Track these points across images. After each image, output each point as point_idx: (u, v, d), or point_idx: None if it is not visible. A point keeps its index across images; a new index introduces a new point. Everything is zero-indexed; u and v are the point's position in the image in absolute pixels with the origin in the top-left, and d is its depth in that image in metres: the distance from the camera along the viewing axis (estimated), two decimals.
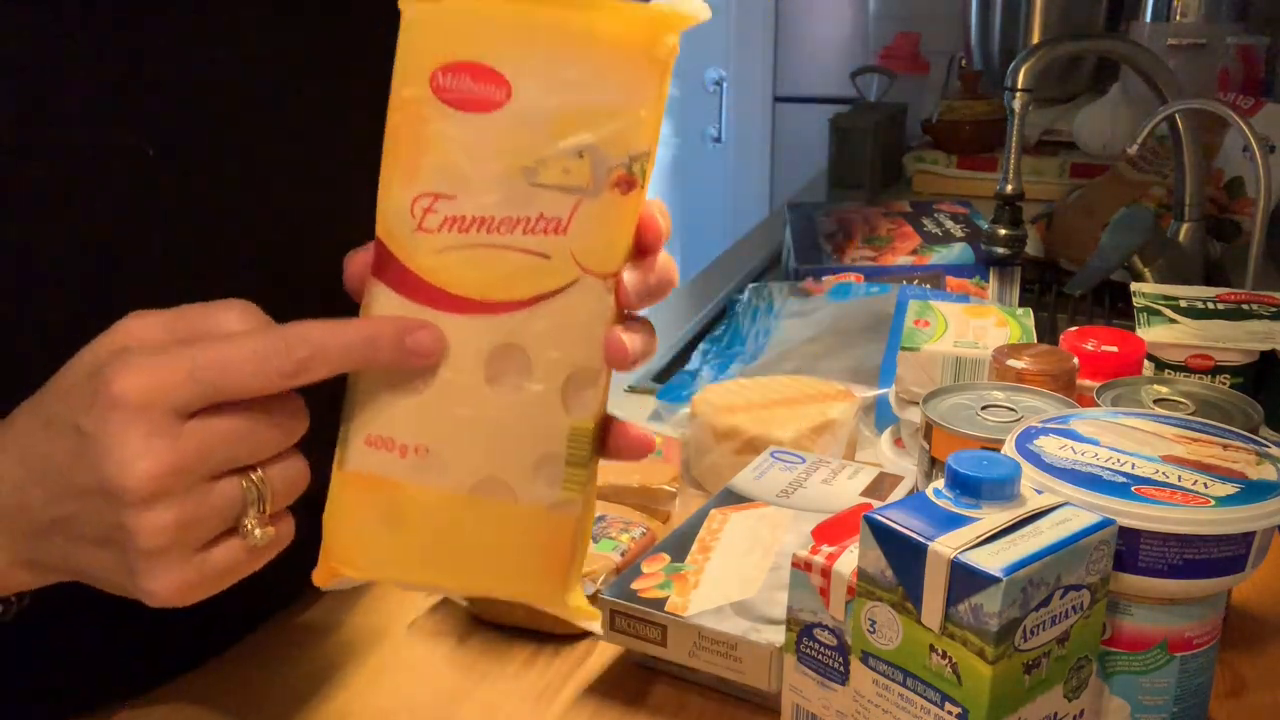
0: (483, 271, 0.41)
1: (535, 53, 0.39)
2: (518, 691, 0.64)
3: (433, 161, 0.40)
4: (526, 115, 0.39)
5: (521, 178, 0.40)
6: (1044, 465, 0.55)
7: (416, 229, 0.41)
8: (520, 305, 0.40)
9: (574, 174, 0.40)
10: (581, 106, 0.39)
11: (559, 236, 0.40)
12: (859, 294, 1.23)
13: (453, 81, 0.39)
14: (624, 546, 0.69)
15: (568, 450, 0.42)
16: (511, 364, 0.41)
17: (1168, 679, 0.54)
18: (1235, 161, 1.62)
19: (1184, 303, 0.90)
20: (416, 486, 0.43)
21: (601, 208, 0.40)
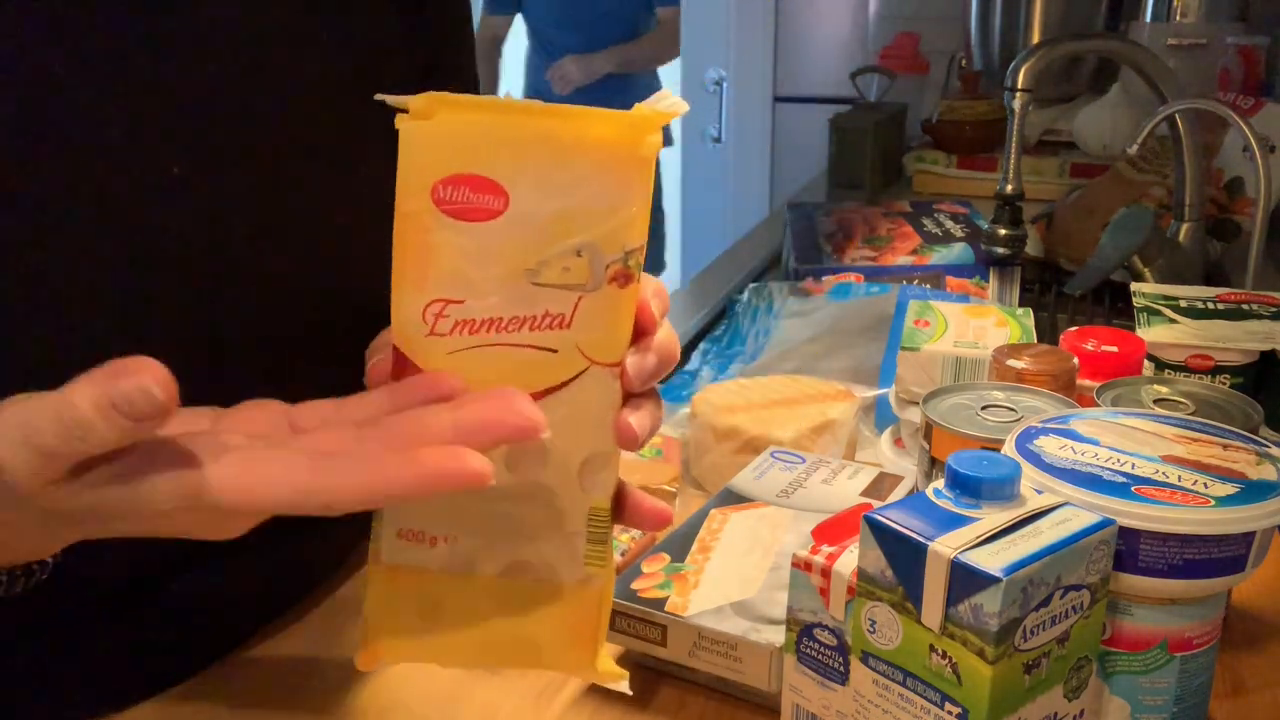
0: (495, 369, 0.43)
1: (529, 162, 0.42)
2: (518, 691, 0.64)
3: (439, 269, 0.42)
4: (525, 220, 0.42)
5: (524, 279, 0.42)
6: (1044, 465, 0.55)
7: (429, 334, 0.43)
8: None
9: (574, 272, 0.42)
10: (576, 208, 0.42)
11: (564, 331, 0.42)
12: (859, 294, 1.23)
13: (452, 193, 0.42)
14: (624, 546, 0.69)
15: (588, 529, 0.45)
16: (529, 454, 0.44)
17: (1168, 679, 0.54)
18: (1235, 161, 1.62)
19: (1184, 303, 0.90)
20: (449, 575, 0.45)
21: (602, 301, 0.42)
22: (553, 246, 0.42)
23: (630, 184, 0.42)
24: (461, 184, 0.41)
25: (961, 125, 1.99)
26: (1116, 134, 1.87)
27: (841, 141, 1.92)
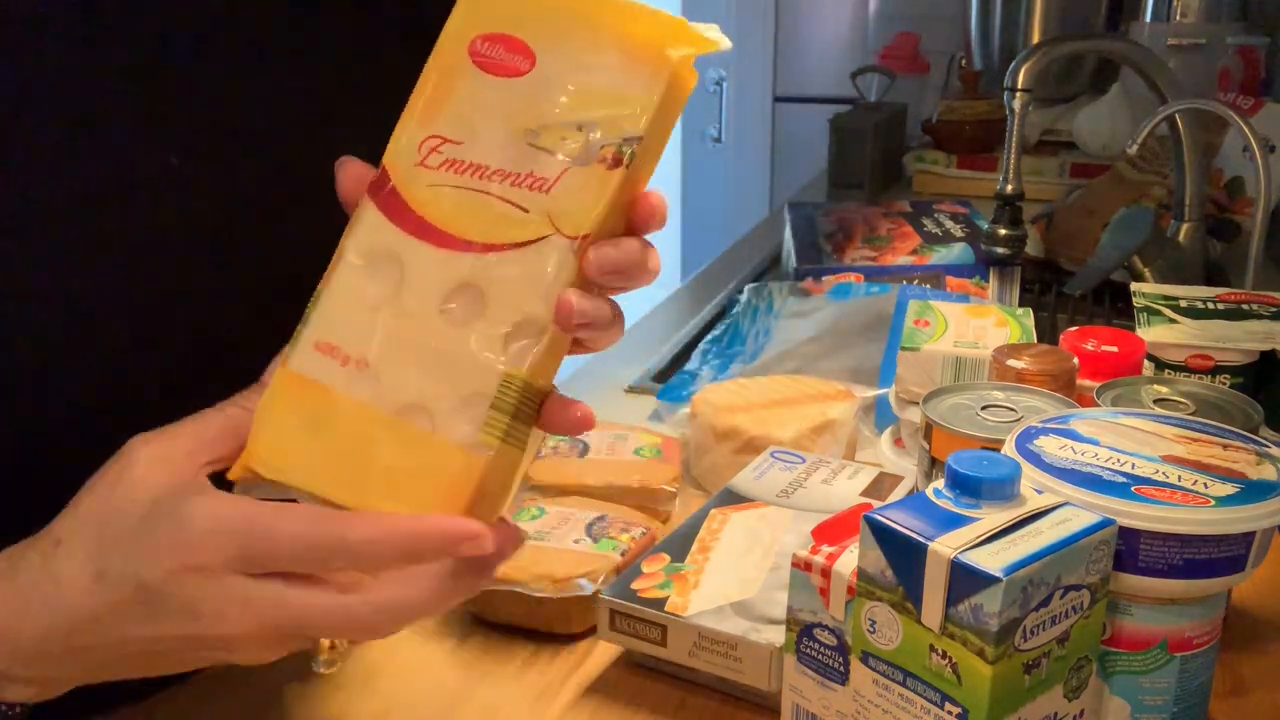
0: (465, 212, 0.44)
1: (565, 37, 0.45)
2: (518, 691, 0.64)
3: (451, 111, 0.45)
4: (542, 86, 0.45)
5: (523, 138, 0.44)
6: (1044, 465, 0.55)
7: (419, 164, 0.45)
8: (490, 248, 0.44)
9: (569, 142, 0.44)
10: (591, 88, 0.44)
11: (541, 195, 0.44)
12: (859, 294, 1.23)
13: (489, 49, 0.45)
14: (624, 546, 0.69)
15: (496, 394, 0.44)
16: (466, 301, 0.44)
17: (1168, 679, 0.54)
18: (1235, 161, 1.62)
19: (1184, 303, 0.90)
20: (346, 397, 0.45)
21: (585, 177, 0.44)
22: (558, 115, 0.44)
23: (647, 80, 0.44)
24: (499, 42, 0.45)
25: (961, 125, 1.99)
26: (1116, 134, 1.87)
27: (841, 141, 1.92)
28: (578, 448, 0.85)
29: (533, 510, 0.74)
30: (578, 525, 0.71)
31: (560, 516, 0.73)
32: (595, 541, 0.69)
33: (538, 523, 0.72)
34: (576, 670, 0.65)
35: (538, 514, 0.73)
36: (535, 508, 0.74)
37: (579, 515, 0.73)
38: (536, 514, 0.73)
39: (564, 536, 0.70)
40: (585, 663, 0.66)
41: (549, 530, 0.71)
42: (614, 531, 0.71)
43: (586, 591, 0.66)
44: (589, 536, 0.70)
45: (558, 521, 0.72)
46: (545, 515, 0.73)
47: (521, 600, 0.66)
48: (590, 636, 0.67)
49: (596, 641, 0.66)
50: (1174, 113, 1.27)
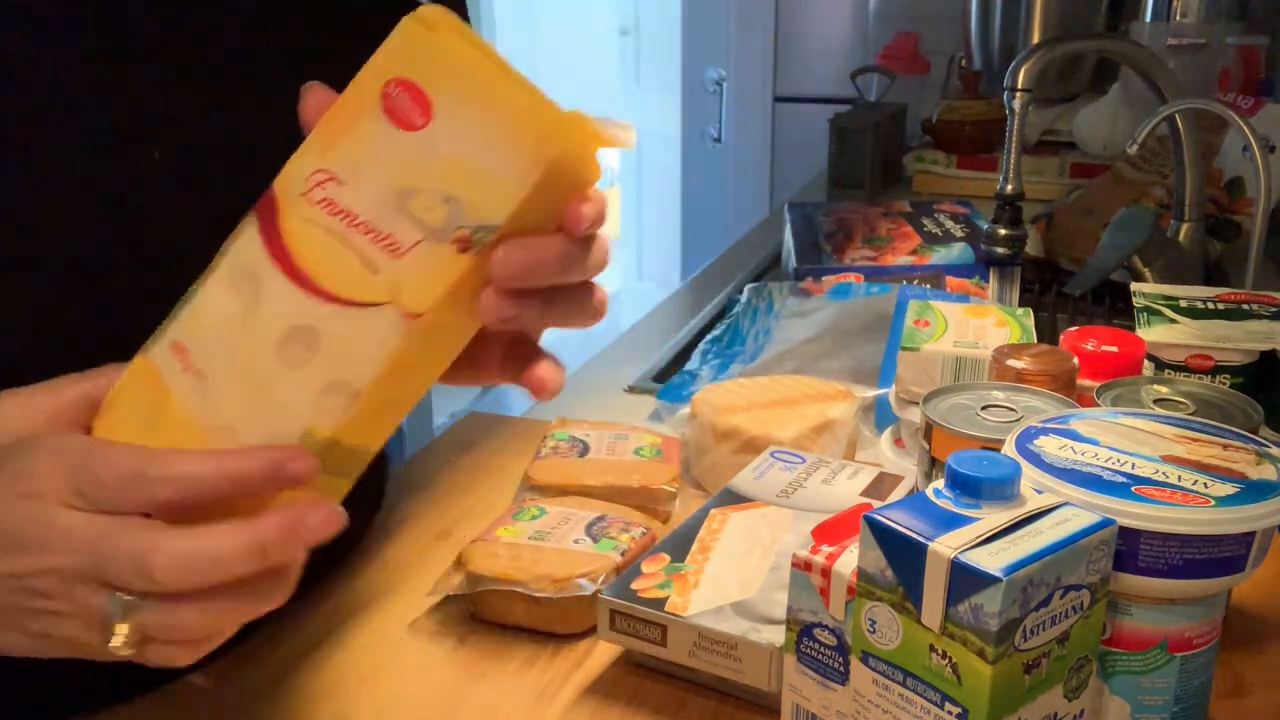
0: (324, 255, 0.44)
1: (465, 104, 0.43)
2: (518, 691, 0.64)
3: (347, 148, 0.44)
4: (429, 148, 0.43)
5: (397, 196, 0.44)
6: (1044, 465, 0.55)
7: (303, 194, 0.45)
8: (333, 299, 0.44)
9: (433, 213, 0.43)
10: (469, 163, 0.43)
11: (394, 259, 0.43)
12: (859, 294, 1.23)
13: (398, 94, 0.44)
14: (624, 546, 0.69)
15: (299, 442, 0.45)
16: (301, 343, 0.44)
17: (1168, 679, 0.54)
18: (1235, 161, 1.62)
19: (1184, 303, 0.90)
20: (178, 402, 0.45)
21: (436, 254, 0.43)
22: (431, 182, 0.43)
23: (522, 170, 0.43)
24: (408, 91, 0.43)
25: (961, 125, 1.99)
26: (1116, 134, 1.87)
27: (841, 141, 1.92)
28: (577, 447, 0.85)
29: (533, 510, 0.74)
30: (578, 525, 0.71)
31: (560, 516, 0.73)
32: (595, 541, 0.69)
33: (538, 523, 0.72)
34: (576, 670, 0.65)
35: (538, 514, 0.73)
36: (535, 508, 0.74)
37: (579, 515, 0.73)
38: (537, 514, 0.73)
39: (564, 536, 0.70)
40: (585, 663, 0.66)
41: (549, 530, 0.71)
42: (614, 531, 0.71)
43: (586, 591, 0.66)
44: (589, 536, 0.70)
45: (558, 521, 0.72)
46: (545, 515, 0.73)
47: (521, 600, 0.66)
48: (590, 636, 0.67)
49: (596, 641, 0.66)
50: (1174, 113, 1.27)
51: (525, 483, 0.82)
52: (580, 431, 0.88)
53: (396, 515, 0.84)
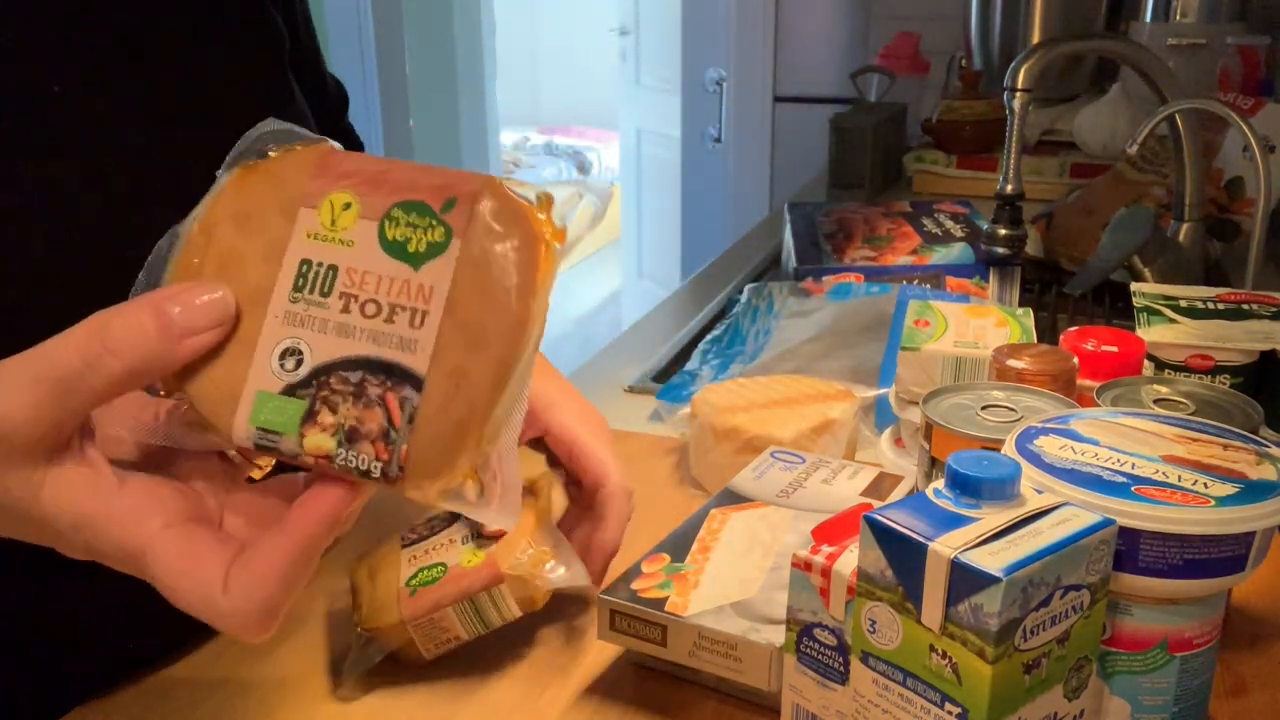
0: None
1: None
2: (518, 691, 0.64)
3: None
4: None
5: None
6: (1044, 465, 0.55)
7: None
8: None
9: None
10: None
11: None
12: (859, 294, 1.23)
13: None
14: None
15: None
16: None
17: (1168, 679, 0.54)
18: (1235, 161, 1.62)
19: (1184, 303, 0.90)
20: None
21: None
22: None
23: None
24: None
25: (961, 125, 1.99)
26: (1116, 134, 1.87)
27: (841, 141, 1.92)
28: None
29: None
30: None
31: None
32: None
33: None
34: (576, 670, 0.65)
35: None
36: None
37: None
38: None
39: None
40: (585, 663, 0.66)
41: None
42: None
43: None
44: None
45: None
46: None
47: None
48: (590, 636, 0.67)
49: (596, 641, 0.66)
50: (1174, 113, 1.27)
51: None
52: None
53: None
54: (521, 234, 0.40)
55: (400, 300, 0.40)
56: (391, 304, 0.40)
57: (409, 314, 0.40)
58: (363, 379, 0.40)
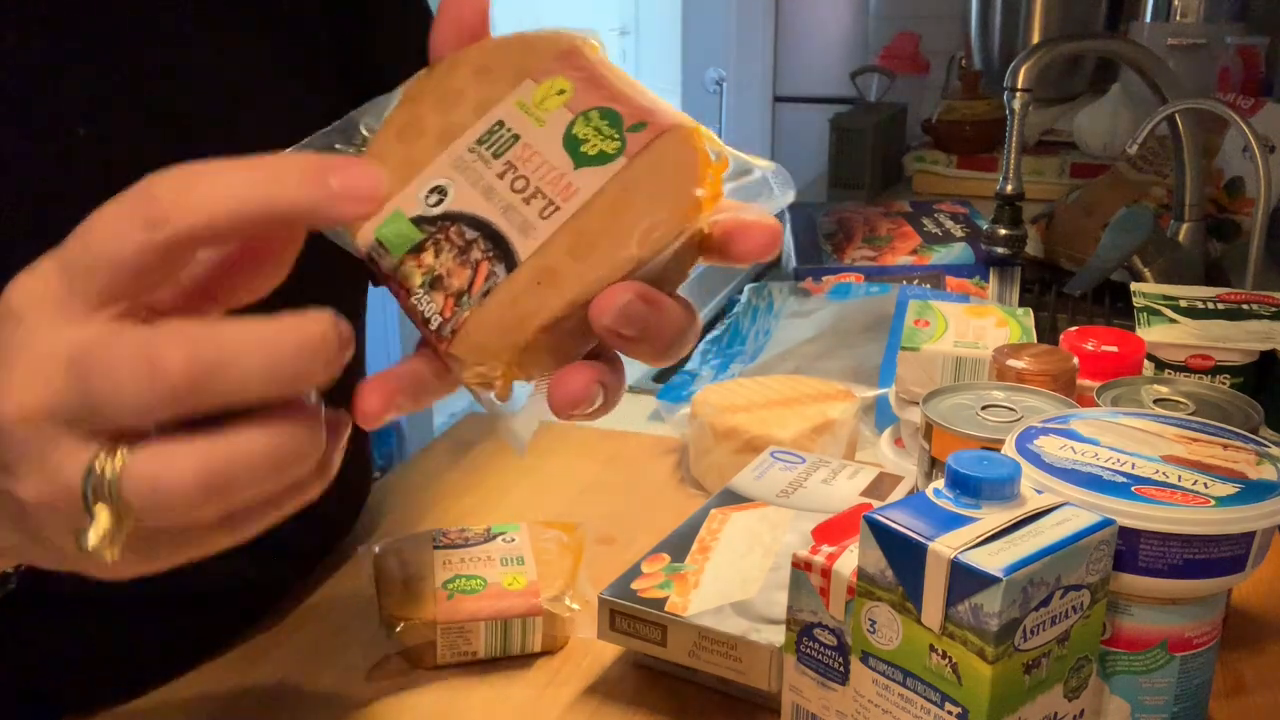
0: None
1: None
2: (518, 691, 0.64)
3: None
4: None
5: None
6: (1044, 465, 0.55)
7: None
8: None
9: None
10: None
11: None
12: (859, 294, 1.23)
13: None
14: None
15: None
16: None
17: (1168, 679, 0.54)
18: (1235, 161, 1.62)
19: (1184, 303, 0.90)
20: None
21: None
22: None
23: None
24: None
25: (961, 125, 1.99)
26: (1116, 134, 1.87)
27: (841, 141, 1.92)
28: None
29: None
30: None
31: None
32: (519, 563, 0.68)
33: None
34: (576, 670, 0.65)
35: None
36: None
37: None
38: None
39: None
40: (585, 663, 0.66)
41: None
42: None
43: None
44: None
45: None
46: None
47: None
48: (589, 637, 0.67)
49: (596, 641, 0.66)
50: (1174, 113, 1.27)
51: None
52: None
53: (395, 516, 0.83)
54: (680, 183, 0.40)
55: (546, 188, 0.41)
56: (537, 188, 0.41)
57: (545, 203, 0.41)
58: (475, 240, 0.41)
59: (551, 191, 0.41)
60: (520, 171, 0.41)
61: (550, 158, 0.41)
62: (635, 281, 0.40)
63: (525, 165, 0.41)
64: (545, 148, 0.41)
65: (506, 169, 0.41)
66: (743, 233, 0.41)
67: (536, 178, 0.41)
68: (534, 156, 0.41)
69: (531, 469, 0.90)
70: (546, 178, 0.41)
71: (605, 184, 0.40)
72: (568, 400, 0.40)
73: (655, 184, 0.40)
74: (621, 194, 0.40)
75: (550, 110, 0.42)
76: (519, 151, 0.42)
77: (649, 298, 0.39)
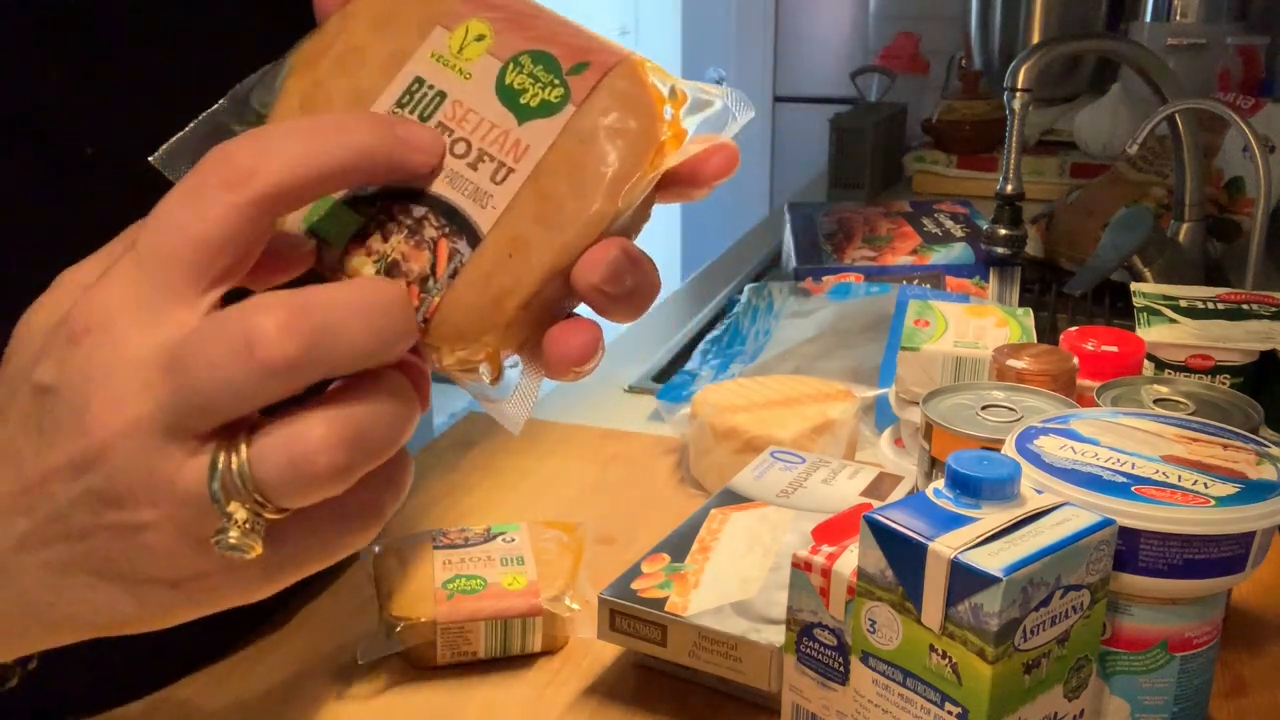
0: None
1: None
2: (518, 691, 0.64)
3: None
4: None
5: None
6: (1044, 465, 0.55)
7: None
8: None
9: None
10: None
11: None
12: (859, 294, 1.23)
13: None
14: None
15: None
16: None
17: (1168, 679, 0.54)
18: (1235, 161, 1.62)
19: (1184, 303, 0.90)
20: None
21: None
22: None
23: None
24: None
25: (961, 125, 1.99)
26: (1116, 134, 1.87)
27: (841, 141, 1.92)
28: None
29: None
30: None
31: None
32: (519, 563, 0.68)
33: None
34: (576, 670, 0.65)
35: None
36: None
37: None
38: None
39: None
40: (585, 663, 0.66)
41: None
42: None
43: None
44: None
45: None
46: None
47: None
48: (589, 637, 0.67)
49: (596, 641, 0.66)
50: (1174, 113, 1.27)
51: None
52: None
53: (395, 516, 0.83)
54: (639, 125, 0.37)
55: (492, 150, 0.37)
56: (481, 150, 0.37)
57: (494, 166, 0.37)
58: (425, 216, 0.37)
59: (499, 152, 0.37)
60: (458, 134, 0.38)
61: (487, 114, 0.37)
62: (617, 237, 0.37)
63: (461, 125, 0.38)
64: (478, 103, 0.38)
65: (440, 132, 0.38)
66: (701, 162, 0.38)
67: (478, 138, 0.37)
68: (469, 115, 0.38)
69: (531, 469, 0.90)
70: (489, 137, 0.37)
71: (557, 137, 0.37)
72: (570, 361, 0.38)
73: (612, 129, 0.37)
74: (578, 145, 0.37)
75: (472, 60, 0.38)
76: (450, 111, 0.38)
77: (631, 253, 0.37)
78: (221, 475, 0.33)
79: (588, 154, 0.37)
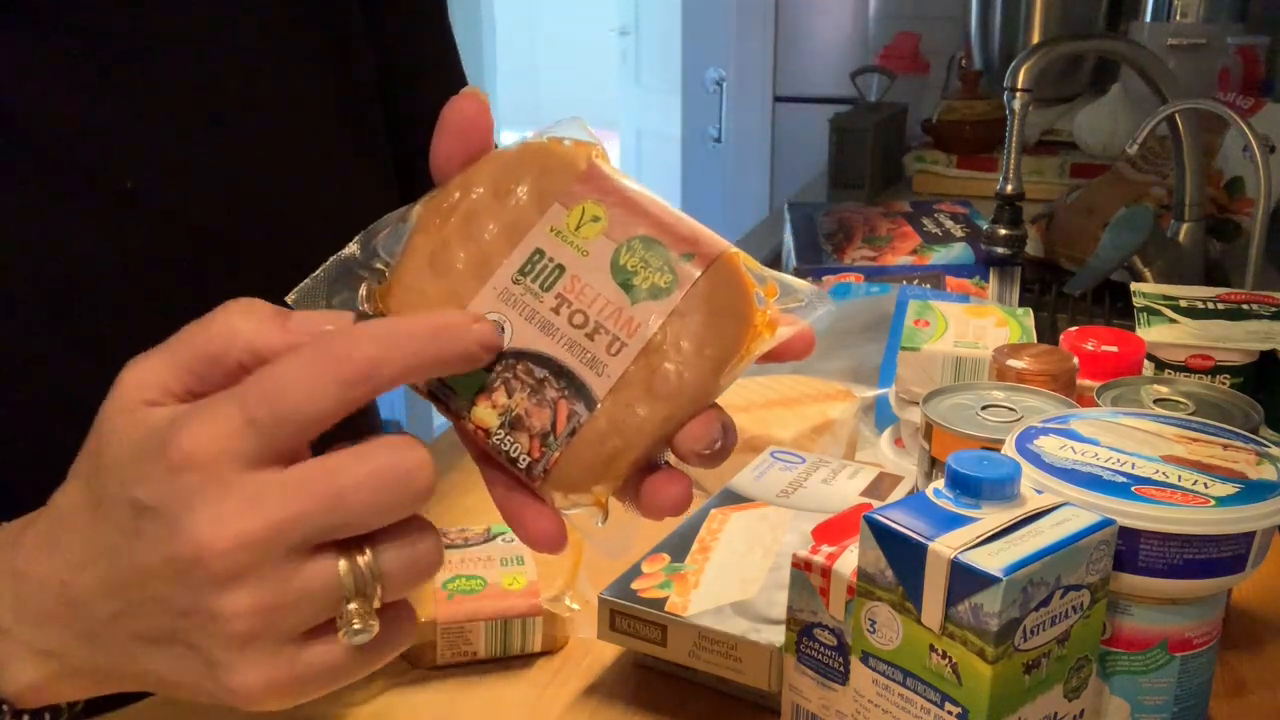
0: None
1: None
2: (518, 691, 0.64)
3: None
4: None
5: None
6: (1044, 465, 0.55)
7: None
8: None
9: None
10: None
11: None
12: (859, 294, 1.23)
13: None
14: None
15: None
16: None
17: (1168, 679, 0.54)
18: (1235, 161, 1.62)
19: (1184, 303, 0.90)
20: None
21: None
22: None
23: None
24: None
25: (961, 125, 1.99)
26: (1116, 134, 1.87)
27: (841, 141, 1.92)
28: None
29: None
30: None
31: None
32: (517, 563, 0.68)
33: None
34: (576, 670, 0.65)
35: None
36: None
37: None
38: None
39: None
40: (585, 663, 0.66)
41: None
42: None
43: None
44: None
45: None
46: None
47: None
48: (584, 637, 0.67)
49: (596, 641, 0.66)
50: (1174, 113, 1.27)
51: None
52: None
53: None
54: (736, 314, 0.42)
55: (607, 323, 0.41)
56: (598, 323, 0.41)
57: (609, 339, 0.41)
58: (546, 378, 0.41)
59: (614, 327, 0.41)
60: (575, 305, 0.42)
61: (603, 290, 0.42)
62: (717, 410, 0.42)
63: (579, 299, 0.42)
64: (594, 279, 0.42)
65: (560, 303, 0.42)
66: (785, 347, 0.43)
67: (594, 312, 0.42)
68: (585, 289, 0.42)
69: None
70: (604, 312, 0.42)
71: (666, 319, 0.41)
72: (666, 511, 0.43)
73: (716, 316, 0.42)
74: (685, 328, 0.41)
75: (589, 239, 0.42)
76: (568, 283, 0.42)
77: (726, 423, 0.42)
78: (358, 577, 0.38)
79: (692, 337, 0.41)
